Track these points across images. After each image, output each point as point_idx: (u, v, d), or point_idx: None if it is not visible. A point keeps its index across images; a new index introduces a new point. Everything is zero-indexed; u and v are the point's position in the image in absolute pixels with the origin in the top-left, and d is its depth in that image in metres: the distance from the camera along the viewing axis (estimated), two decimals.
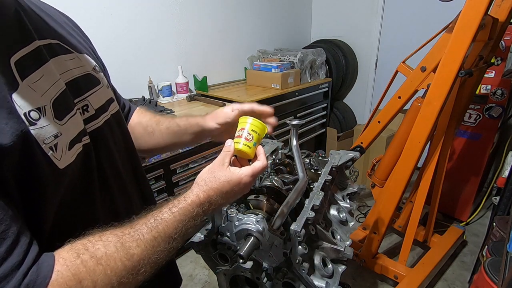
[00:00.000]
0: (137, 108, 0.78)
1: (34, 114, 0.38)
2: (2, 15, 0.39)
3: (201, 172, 0.53)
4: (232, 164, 0.57)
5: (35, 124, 0.38)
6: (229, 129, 0.71)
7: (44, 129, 0.39)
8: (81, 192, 0.46)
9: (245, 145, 0.57)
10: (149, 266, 0.41)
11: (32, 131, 0.37)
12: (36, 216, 0.39)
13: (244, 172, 0.54)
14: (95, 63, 0.56)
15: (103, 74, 0.58)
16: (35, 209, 0.39)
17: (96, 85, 0.53)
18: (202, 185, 0.51)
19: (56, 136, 0.40)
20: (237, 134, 0.58)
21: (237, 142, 0.57)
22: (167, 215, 0.45)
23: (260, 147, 0.60)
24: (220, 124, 0.70)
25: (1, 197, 0.33)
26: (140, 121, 0.74)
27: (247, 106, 0.70)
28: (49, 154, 0.39)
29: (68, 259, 0.36)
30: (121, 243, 0.39)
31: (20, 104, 0.37)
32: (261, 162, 0.57)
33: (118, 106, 0.60)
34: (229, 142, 0.58)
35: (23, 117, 0.37)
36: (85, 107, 0.49)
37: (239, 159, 0.60)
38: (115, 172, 0.56)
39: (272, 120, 0.73)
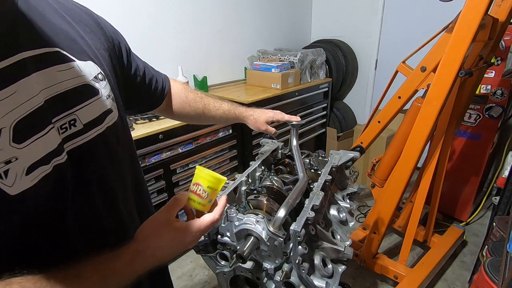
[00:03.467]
0: (175, 84, 0.85)
1: None
2: None
3: (142, 225, 0.50)
4: (186, 213, 0.56)
5: None
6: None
7: None
8: (51, 214, 0.44)
9: (200, 203, 0.55)
10: None
11: None
12: None
13: (191, 227, 0.51)
14: (99, 71, 0.52)
15: (107, 82, 0.54)
16: None
17: (92, 96, 0.50)
18: (140, 241, 0.48)
19: (8, 162, 0.37)
20: (192, 188, 0.55)
21: (191, 199, 0.54)
22: (90, 275, 0.42)
23: (217, 200, 0.58)
24: (258, 129, 0.93)
25: None
26: (187, 102, 0.85)
27: (286, 118, 0.94)
28: None
29: None
30: None
31: None
32: (211, 216, 0.54)
33: (116, 117, 0.56)
34: (183, 196, 0.54)
35: None
36: (72, 122, 0.47)
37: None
38: (106, 187, 0.53)
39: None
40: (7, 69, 0.38)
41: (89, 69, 0.50)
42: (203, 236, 0.79)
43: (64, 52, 0.47)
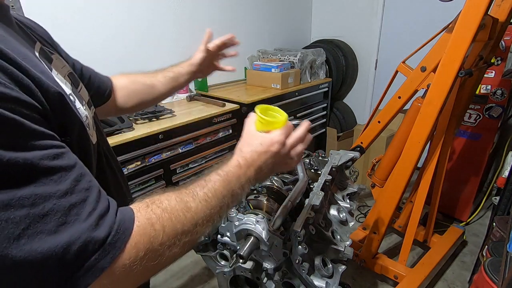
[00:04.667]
0: (112, 76, 0.83)
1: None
2: (12, 23, 0.47)
3: (237, 143, 0.58)
4: None
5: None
6: (210, 57, 0.92)
7: (74, 97, 0.49)
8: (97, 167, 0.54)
9: (268, 117, 0.56)
10: (205, 219, 0.47)
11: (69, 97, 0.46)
12: None
13: (274, 133, 0.56)
14: (69, 66, 0.61)
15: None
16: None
17: (79, 83, 0.59)
18: (238, 153, 0.55)
19: (71, 95, 0.48)
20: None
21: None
22: (214, 177, 0.50)
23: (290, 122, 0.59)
24: (204, 50, 0.89)
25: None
26: (133, 80, 0.84)
27: (216, 42, 0.90)
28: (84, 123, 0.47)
29: (140, 207, 0.41)
30: (180, 198, 0.45)
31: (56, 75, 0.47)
32: (302, 124, 0.60)
33: (94, 109, 0.65)
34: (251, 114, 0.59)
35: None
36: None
37: None
38: (104, 153, 0.62)
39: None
40: (42, 49, 0.50)
41: (66, 62, 0.59)
42: (203, 236, 0.78)
43: (45, 47, 0.56)
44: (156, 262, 0.40)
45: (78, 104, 0.49)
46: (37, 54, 0.46)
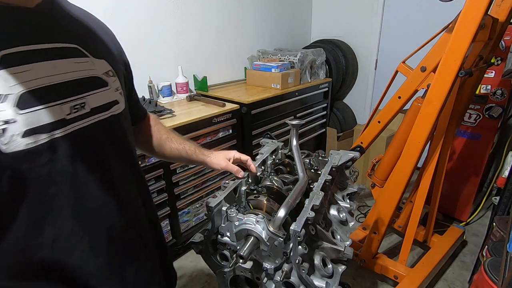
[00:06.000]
0: (152, 116, 0.89)
1: None
2: (27, 13, 0.49)
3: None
4: None
5: None
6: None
7: None
8: (43, 179, 0.50)
9: None
10: None
11: None
12: None
13: None
14: (110, 68, 0.62)
15: (117, 79, 0.64)
16: None
17: (101, 87, 0.59)
18: None
19: (7, 122, 0.44)
20: None
21: None
22: None
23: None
24: (221, 168, 0.87)
25: None
26: (157, 130, 0.87)
27: (243, 158, 0.88)
28: None
29: None
30: None
31: None
32: None
33: (121, 109, 0.64)
34: None
35: None
36: (82, 104, 0.55)
37: None
38: (105, 168, 0.60)
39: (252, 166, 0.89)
40: (29, 52, 0.48)
41: (101, 66, 0.60)
42: (203, 236, 0.79)
43: (81, 49, 0.57)
44: None
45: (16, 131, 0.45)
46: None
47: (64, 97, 0.52)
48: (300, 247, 0.68)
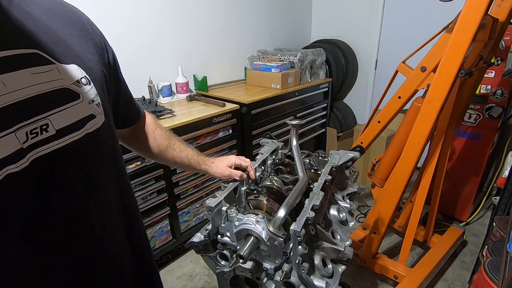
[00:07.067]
0: (148, 115, 0.82)
1: None
2: None
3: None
4: None
5: None
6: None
7: None
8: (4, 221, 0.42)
9: None
10: None
11: None
12: None
13: None
14: (83, 74, 0.50)
15: (93, 86, 0.51)
16: None
17: (70, 101, 0.47)
18: None
19: None
20: None
21: None
22: None
23: None
24: (225, 177, 0.88)
25: None
26: (155, 135, 0.81)
27: (244, 164, 0.89)
28: None
29: None
30: None
31: None
32: None
33: (100, 123, 0.52)
34: None
35: None
36: (44, 127, 0.44)
37: None
38: (77, 196, 0.50)
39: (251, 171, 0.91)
40: None
41: (71, 73, 0.48)
42: (203, 236, 0.79)
43: (43, 54, 0.44)
44: None
45: None
46: None
47: (18, 121, 0.40)
48: (300, 247, 0.68)
